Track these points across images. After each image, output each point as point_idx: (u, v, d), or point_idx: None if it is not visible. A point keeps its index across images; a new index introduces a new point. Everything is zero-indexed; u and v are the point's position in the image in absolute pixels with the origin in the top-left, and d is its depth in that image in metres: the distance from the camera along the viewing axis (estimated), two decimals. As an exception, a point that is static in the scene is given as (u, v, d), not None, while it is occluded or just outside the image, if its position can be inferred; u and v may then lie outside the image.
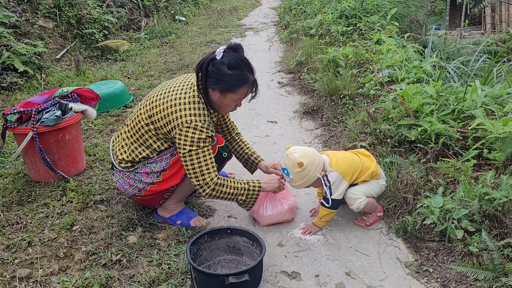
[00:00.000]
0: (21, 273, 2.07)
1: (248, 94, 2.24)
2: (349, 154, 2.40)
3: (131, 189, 2.36)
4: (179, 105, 2.15)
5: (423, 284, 1.98)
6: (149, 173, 2.31)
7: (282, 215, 2.44)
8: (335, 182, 2.30)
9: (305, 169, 2.23)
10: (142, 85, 5.17)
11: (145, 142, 2.28)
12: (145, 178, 2.32)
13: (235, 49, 2.16)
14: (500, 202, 2.04)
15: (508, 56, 6.27)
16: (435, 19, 14.36)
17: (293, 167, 2.25)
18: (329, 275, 2.07)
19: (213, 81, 2.13)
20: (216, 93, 2.17)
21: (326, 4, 7.69)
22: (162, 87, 2.31)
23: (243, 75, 2.14)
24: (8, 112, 2.81)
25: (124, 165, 2.33)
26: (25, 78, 4.94)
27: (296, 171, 2.24)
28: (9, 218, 2.51)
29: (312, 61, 5.14)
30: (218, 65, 2.11)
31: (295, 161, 2.23)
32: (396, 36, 5.51)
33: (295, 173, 2.25)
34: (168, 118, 2.16)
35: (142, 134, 2.28)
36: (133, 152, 2.31)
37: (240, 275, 1.86)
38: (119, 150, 2.36)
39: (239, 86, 2.16)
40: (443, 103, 2.96)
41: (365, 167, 2.36)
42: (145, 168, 2.31)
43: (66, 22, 6.35)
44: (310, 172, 2.25)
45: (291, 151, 2.28)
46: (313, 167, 2.25)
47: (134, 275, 2.06)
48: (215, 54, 2.13)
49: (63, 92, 2.94)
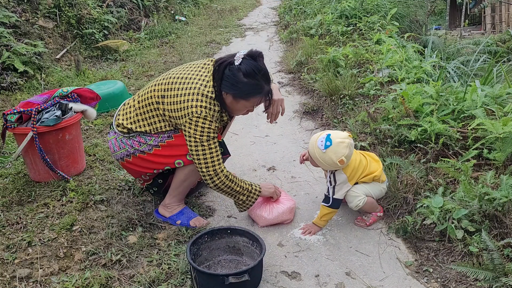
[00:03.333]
0: (21, 273, 2.07)
1: (261, 102, 2.25)
2: (359, 156, 2.39)
3: (120, 152, 2.36)
4: (193, 95, 2.14)
5: (423, 284, 1.98)
6: (142, 143, 2.31)
7: (281, 216, 2.44)
8: (340, 184, 2.30)
9: (337, 165, 2.23)
10: (142, 85, 5.16)
11: (149, 119, 2.28)
12: (136, 145, 2.32)
13: (255, 57, 2.14)
14: (500, 202, 2.04)
15: (508, 56, 6.27)
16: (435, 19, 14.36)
17: (334, 153, 2.20)
18: (329, 275, 2.07)
19: (227, 85, 2.13)
20: (229, 96, 2.17)
21: (326, 4, 7.69)
22: (182, 70, 2.28)
23: (258, 84, 2.14)
24: (8, 112, 2.81)
25: (120, 129, 2.34)
26: (25, 78, 4.94)
27: (331, 157, 2.21)
28: (9, 218, 2.51)
29: (312, 61, 5.14)
30: (235, 71, 2.11)
31: (342, 156, 2.20)
32: (396, 36, 5.51)
33: (329, 156, 2.21)
34: (180, 105, 2.16)
35: (149, 110, 2.27)
36: (134, 123, 2.31)
37: (240, 275, 1.86)
38: (122, 115, 2.37)
39: (252, 95, 2.17)
40: (443, 103, 2.96)
41: (370, 171, 2.36)
42: (140, 138, 2.31)
43: (66, 22, 6.35)
44: (335, 168, 2.26)
45: (351, 143, 2.24)
46: (340, 168, 2.27)
47: (134, 275, 2.06)
48: (234, 58, 2.12)
49: (63, 92, 2.94)
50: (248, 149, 3.43)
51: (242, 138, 3.68)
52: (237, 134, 3.69)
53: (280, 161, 3.22)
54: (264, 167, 3.15)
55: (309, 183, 2.91)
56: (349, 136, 2.27)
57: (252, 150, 3.41)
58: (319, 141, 2.25)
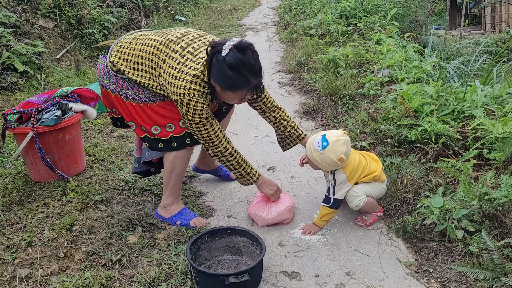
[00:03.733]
0: (21, 273, 2.07)
1: (248, 95, 2.18)
2: (358, 156, 2.38)
3: (107, 82, 2.32)
4: (189, 75, 2.08)
5: (423, 284, 1.98)
6: (134, 92, 2.27)
7: (280, 216, 2.44)
8: (340, 183, 2.30)
9: (337, 164, 2.22)
10: (142, 85, 5.16)
11: (143, 71, 2.21)
12: (126, 89, 2.28)
13: (242, 49, 2.02)
14: (500, 202, 2.04)
15: (508, 56, 6.27)
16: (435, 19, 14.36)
17: (333, 152, 2.20)
18: (329, 275, 2.07)
19: (214, 74, 2.06)
20: (217, 86, 2.11)
21: (326, 4, 7.69)
22: (190, 39, 2.21)
23: (243, 78, 2.05)
24: (8, 112, 2.81)
25: (110, 65, 2.27)
26: (25, 78, 4.94)
27: (330, 156, 2.21)
28: (9, 218, 2.51)
29: (312, 61, 5.14)
30: (221, 62, 2.03)
31: (341, 153, 2.20)
32: (396, 36, 5.51)
33: (328, 156, 2.21)
34: (175, 81, 2.10)
35: (146, 64, 2.20)
36: (127, 67, 2.24)
37: (240, 275, 1.86)
38: (117, 50, 2.28)
39: (238, 88, 2.09)
40: (443, 103, 2.96)
41: (370, 171, 2.36)
42: (133, 87, 2.27)
43: (66, 22, 6.34)
44: (334, 167, 2.26)
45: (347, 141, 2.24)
46: (340, 166, 2.27)
47: (134, 275, 2.06)
48: (222, 48, 2.03)
49: (63, 92, 2.94)
50: (248, 149, 3.43)
51: (242, 138, 3.68)
52: (237, 134, 3.69)
53: (280, 161, 3.22)
54: (264, 167, 3.15)
55: (309, 183, 2.91)
56: (344, 133, 2.27)
57: (252, 150, 3.42)
58: (316, 143, 2.25)
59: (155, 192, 2.78)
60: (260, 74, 2.12)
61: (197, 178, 3.02)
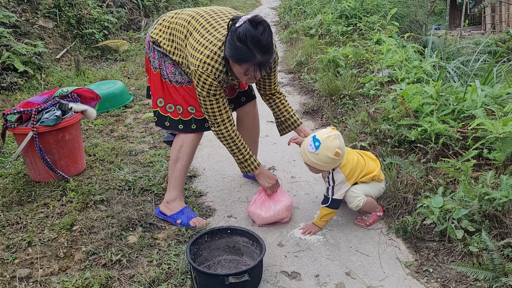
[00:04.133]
0: (21, 273, 2.07)
1: (252, 72, 2.14)
2: (356, 156, 2.38)
3: (147, 48, 2.44)
4: (207, 50, 2.15)
5: (423, 284, 1.98)
6: (167, 71, 2.38)
7: (278, 214, 2.43)
8: (339, 184, 2.30)
9: (333, 159, 2.21)
10: (142, 85, 5.17)
11: (173, 41, 2.31)
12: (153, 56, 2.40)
13: (255, 24, 2.02)
14: (500, 202, 2.04)
15: (508, 56, 6.27)
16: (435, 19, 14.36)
17: (327, 149, 2.19)
18: (329, 275, 2.07)
19: (227, 45, 2.10)
20: (229, 58, 2.13)
21: (326, 4, 7.70)
22: (217, 14, 2.29)
23: (249, 52, 2.03)
24: (8, 112, 2.81)
25: (150, 35, 2.39)
26: (25, 78, 4.95)
27: (326, 154, 2.19)
28: (9, 218, 2.51)
29: (312, 61, 5.14)
30: (233, 32, 2.05)
31: (335, 148, 2.18)
32: (396, 36, 5.51)
33: (323, 154, 2.19)
34: (195, 53, 2.17)
35: (177, 34, 2.29)
36: (161, 37, 2.34)
37: (240, 275, 1.86)
38: (159, 24, 2.40)
39: (243, 61, 2.08)
40: (443, 103, 2.96)
41: (369, 171, 2.36)
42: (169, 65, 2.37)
43: (66, 22, 6.35)
44: (333, 164, 2.24)
45: (337, 135, 2.23)
46: (338, 162, 2.25)
47: (134, 275, 2.06)
48: (239, 19, 2.05)
49: (63, 92, 2.94)
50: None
51: (242, 138, 3.67)
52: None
53: (280, 161, 3.22)
54: (264, 167, 3.14)
55: (309, 183, 2.91)
56: (333, 129, 2.27)
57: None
58: (308, 145, 2.24)
59: (155, 192, 2.78)
60: (267, 52, 2.08)
61: (197, 178, 3.02)
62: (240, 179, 2.99)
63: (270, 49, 2.09)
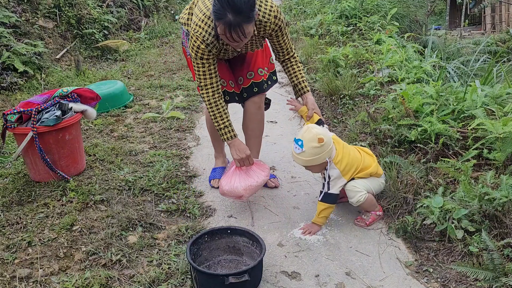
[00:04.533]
0: (21, 273, 2.07)
1: (225, 34, 2.12)
2: (352, 151, 2.39)
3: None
4: (202, 14, 2.26)
5: (423, 284, 1.98)
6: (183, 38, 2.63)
7: (234, 191, 2.45)
8: (334, 179, 2.30)
9: (322, 146, 2.21)
10: (142, 85, 5.17)
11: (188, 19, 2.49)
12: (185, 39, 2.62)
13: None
14: (500, 202, 2.04)
15: (508, 56, 6.27)
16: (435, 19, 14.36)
17: (310, 141, 2.21)
18: (329, 275, 2.07)
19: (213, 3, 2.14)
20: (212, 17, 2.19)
21: (326, 4, 7.70)
22: None
23: (222, 10, 2.03)
24: (8, 112, 2.81)
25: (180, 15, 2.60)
26: (25, 78, 4.95)
27: (312, 145, 2.20)
28: (9, 218, 2.51)
29: (312, 61, 5.15)
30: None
31: (316, 135, 2.20)
32: (396, 36, 5.52)
33: (310, 147, 2.21)
34: (194, 17, 2.32)
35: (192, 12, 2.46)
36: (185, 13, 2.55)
37: (240, 275, 1.86)
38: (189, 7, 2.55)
39: (217, 19, 2.08)
40: (443, 103, 2.96)
41: (365, 165, 2.36)
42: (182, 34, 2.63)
43: (66, 22, 6.35)
44: (324, 152, 2.23)
45: (312, 126, 2.26)
46: (328, 148, 2.24)
47: (134, 275, 2.06)
48: None
49: (63, 92, 2.94)
50: (248, 149, 3.43)
51: (242, 138, 3.67)
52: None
53: (280, 161, 3.22)
54: (264, 167, 3.15)
55: (309, 183, 2.91)
56: (307, 123, 2.29)
57: (252, 150, 3.41)
58: (294, 149, 2.27)
59: (155, 192, 2.78)
60: (240, 14, 2.04)
61: (197, 178, 3.02)
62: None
63: (243, 11, 2.04)
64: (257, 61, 2.64)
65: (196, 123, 4.01)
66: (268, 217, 2.55)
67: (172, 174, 2.99)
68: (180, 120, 4.03)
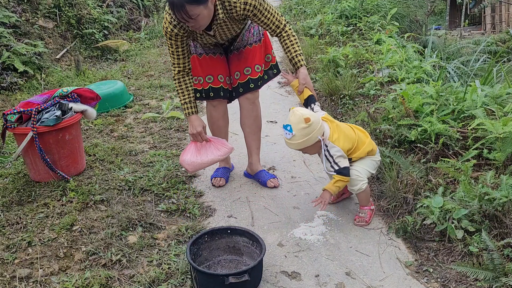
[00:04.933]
0: (21, 273, 2.07)
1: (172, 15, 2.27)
2: (346, 128, 2.39)
3: None
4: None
5: (423, 284, 1.98)
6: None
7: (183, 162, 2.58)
8: (339, 157, 2.28)
9: (310, 125, 2.19)
10: (142, 85, 5.17)
11: None
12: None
13: None
14: (500, 202, 2.04)
15: (508, 56, 6.27)
16: (435, 19, 14.35)
17: (298, 123, 2.20)
18: (329, 275, 2.07)
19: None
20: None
21: (326, 4, 7.70)
22: None
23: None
24: (8, 112, 2.81)
25: None
26: (25, 78, 4.95)
27: (300, 127, 2.20)
28: (9, 218, 2.51)
29: (312, 61, 5.14)
30: None
31: (302, 116, 2.19)
32: (396, 36, 5.51)
33: (299, 129, 2.20)
34: None
35: None
36: None
37: (240, 275, 1.86)
38: None
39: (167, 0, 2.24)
40: (443, 103, 2.96)
41: (360, 141, 2.36)
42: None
43: (66, 22, 6.35)
44: (314, 131, 2.21)
45: (297, 108, 2.26)
46: (317, 126, 2.23)
47: (134, 275, 2.06)
48: None
49: (63, 92, 2.94)
50: (248, 149, 3.43)
51: (242, 138, 3.67)
52: (237, 134, 3.69)
53: (280, 161, 3.22)
54: (264, 167, 3.14)
55: (309, 183, 2.91)
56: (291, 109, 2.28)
57: (252, 150, 3.41)
58: (285, 135, 2.26)
59: (155, 192, 2.78)
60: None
61: (197, 178, 3.02)
62: (240, 179, 2.99)
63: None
64: (256, 58, 2.66)
65: (196, 123, 4.00)
66: (268, 217, 2.55)
67: (172, 174, 2.99)
68: (180, 120, 4.03)
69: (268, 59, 2.76)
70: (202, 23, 2.24)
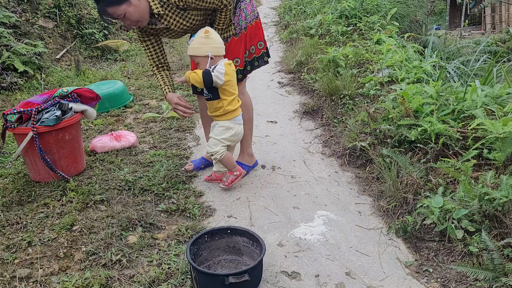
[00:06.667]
0: (21, 273, 2.07)
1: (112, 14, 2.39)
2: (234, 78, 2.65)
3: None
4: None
5: (423, 284, 1.98)
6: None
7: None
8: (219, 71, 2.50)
9: (207, 37, 2.50)
10: (142, 85, 5.17)
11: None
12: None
13: None
14: (500, 202, 2.04)
15: (508, 56, 6.27)
16: (435, 19, 14.36)
17: (199, 33, 2.52)
18: (329, 275, 2.07)
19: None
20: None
21: (326, 4, 7.69)
22: None
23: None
24: (8, 112, 2.81)
25: None
26: (25, 78, 4.95)
27: (199, 36, 2.52)
28: (9, 218, 2.51)
29: (312, 61, 5.14)
30: None
31: (204, 29, 2.52)
32: (396, 36, 5.51)
33: (197, 37, 2.52)
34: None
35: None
36: None
37: (240, 275, 1.86)
38: None
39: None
40: (443, 103, 2.96)
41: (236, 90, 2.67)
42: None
43: (66, 22, 6.35)
44: (208, 44, 2.50)
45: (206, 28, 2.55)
46: (212, 42, 2.52)
47: (134, 275, 2.06)
48: None
49: (63, 92, 2.94)
50: (248, 149, 3.43)
51: (242, 138, 3.68)
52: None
53: (280, 161, 3.22)
54: (264, 167, 3.15)
55: (309, 183, 2.91)
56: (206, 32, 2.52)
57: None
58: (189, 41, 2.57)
59: (155, 192, 2.78)
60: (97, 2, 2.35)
61: (197, 178, 3.02)
62: (240, 179, 2.99)
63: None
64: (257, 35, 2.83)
65: (196, 123, 4.01)
66: (268, 217, 2.55)
67: (172, 174, 2.99)
68: (180, 120, 4.03)
69: (253, 51, 2.85)
70: (133, 19, 2.39)
